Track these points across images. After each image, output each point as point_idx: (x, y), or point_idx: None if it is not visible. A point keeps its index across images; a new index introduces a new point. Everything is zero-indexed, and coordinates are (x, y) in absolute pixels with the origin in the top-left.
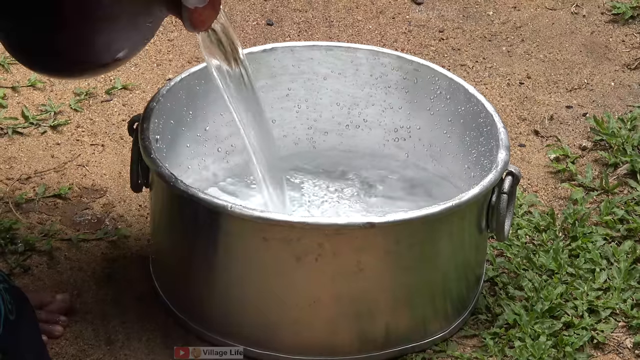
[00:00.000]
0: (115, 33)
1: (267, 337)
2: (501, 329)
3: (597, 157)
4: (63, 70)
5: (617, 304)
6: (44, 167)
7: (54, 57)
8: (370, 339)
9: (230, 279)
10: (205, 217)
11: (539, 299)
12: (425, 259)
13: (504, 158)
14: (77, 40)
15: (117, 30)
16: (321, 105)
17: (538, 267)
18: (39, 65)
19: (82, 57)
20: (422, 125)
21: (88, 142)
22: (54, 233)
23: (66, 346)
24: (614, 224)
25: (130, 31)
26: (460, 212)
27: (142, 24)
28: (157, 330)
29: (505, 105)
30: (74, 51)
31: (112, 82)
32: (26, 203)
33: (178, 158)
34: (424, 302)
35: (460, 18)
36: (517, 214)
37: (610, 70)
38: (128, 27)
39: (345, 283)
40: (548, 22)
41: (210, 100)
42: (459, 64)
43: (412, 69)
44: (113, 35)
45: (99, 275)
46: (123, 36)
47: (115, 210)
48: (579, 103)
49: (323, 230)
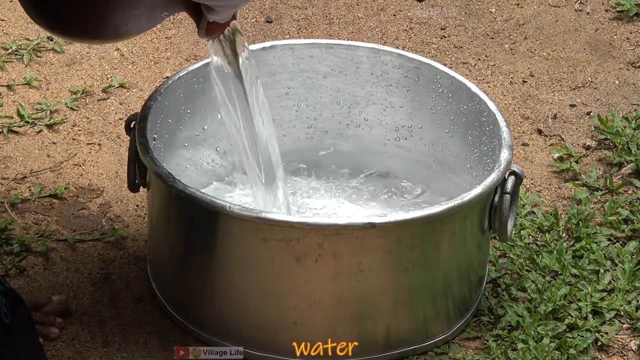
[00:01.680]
0: (130, 16)
1: (266, 339)
2: (504, 330)
3: (601, 157)
4: (59, 29)
5: (622, 306)
6: (40, 166)
7: (59, 17)
8: (371, 341)
9: (229, 280)
10: (204, 217)
11: (542, 301)
12: (426, 259)
13: (507, 157)
14: (90, 12)
15: (133, 15)
16: (321, 104)
17: (541, 268)
18: (39, 14)
19: (88, 28)
20: (423, 124)
21: (84, 141)
22: (50, 233)
23: (62, 348)
24: (619, 225)
25: (144, 18)
26: (462, 212)
27: (158, 15)
28: (155, 333)
29: (508, 104)
30: (81, 19)
31: (109, 80)
32: (22, 203)
33: (176, 157)
34: (425, 304)
35: (462, 15)
36: (520, 214)
37: (615, 68)
38: (144, 13)
39: (346, 284)
40: (551, 19)
41: (208, 99)
42: (461, 62)
43: (413, 67)
44: (125, 16)
45: (96, 276)
46: (135, 20)
47: (112, 210)
48: (582, 101)
49: (323, 230)
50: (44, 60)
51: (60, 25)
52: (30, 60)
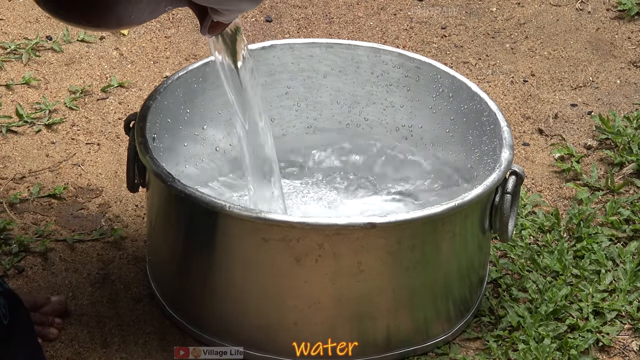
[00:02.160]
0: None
1: (266, 339)
2: (504, 331)
3: (602, 156)
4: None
5: (623, 306)
6: (39, 166)
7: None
8: (371, 342)
9: (229, 280)
10: (203, 217)
11: (543, 301)
12: (427, 260)
13: (508, 157)
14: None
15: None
16: (321, 103)
17: (542, 268)
18: None
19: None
20: (424, 124)
21: (83, 141)
22: (49, 234)
23: (61, 349)
24: (620, 225)
25: (147, 10)
26: (463, 213)
27: (162, 9)
28: (154, 333)
29: (508, 104)
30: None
31: (108, 79)
32: (20, 203)
33: (175, 157)
34: (425, 304)
35: (462, 14)
36: (521, 214)
37: (616, 67)
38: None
39: (346, 284)
40: (552, 18)
41: (208, 99)
42: (461, 62)
43: (413, 66)
44: (130, 8)
45: (95, 276)
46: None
47: (111, 210)
48: (584, 101)
49: (323, 230)
50: (43, 59)
51: (65, 11)
52: (29, 59)
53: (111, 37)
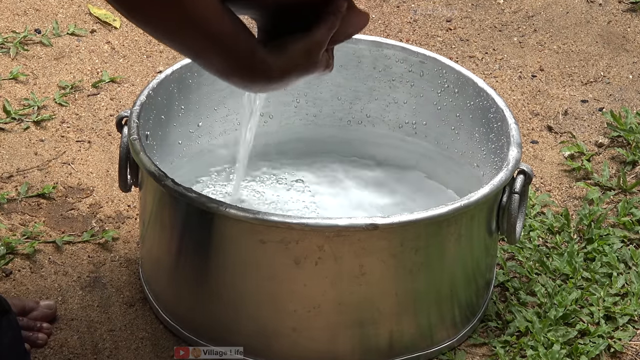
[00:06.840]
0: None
1: (263, 345)
2: (512, 337)
3: (614, 155)
4: None
5: (636, 310)
6: (27, 164)
7: None
8: (374, 348)
9: (225, 284)
10: (199, 218)
11: (553, 305)
12: (431, 262)
13: (516, 156)
14: None
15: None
16: (321, 99)
17: (551, 271)
18: None
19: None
20: (428, 120)
21: (74, 139)
22: (37, 235)
23: (50, 355)
24: (632, 226)
25: None
26: (469, 213)
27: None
28: (147, 339)
29: (516, 100)
30: None
31: (99, 74)
32: (8, 203)
33: (169, 155)
34: (430, 309)
35: (468, 7)
36: (529, 215)
37: (628, 62)
38: None
39: (347, 288)
40: (562, 10)
41: (203, 95)
42: (467, 56)
43: (417, 61)
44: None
45: (85, 279)
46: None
47: (103, 210)
48: (594, 97)
49: (323, 232)
50: (32, 53)
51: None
52: (17, 53)
53: (102, 30)
